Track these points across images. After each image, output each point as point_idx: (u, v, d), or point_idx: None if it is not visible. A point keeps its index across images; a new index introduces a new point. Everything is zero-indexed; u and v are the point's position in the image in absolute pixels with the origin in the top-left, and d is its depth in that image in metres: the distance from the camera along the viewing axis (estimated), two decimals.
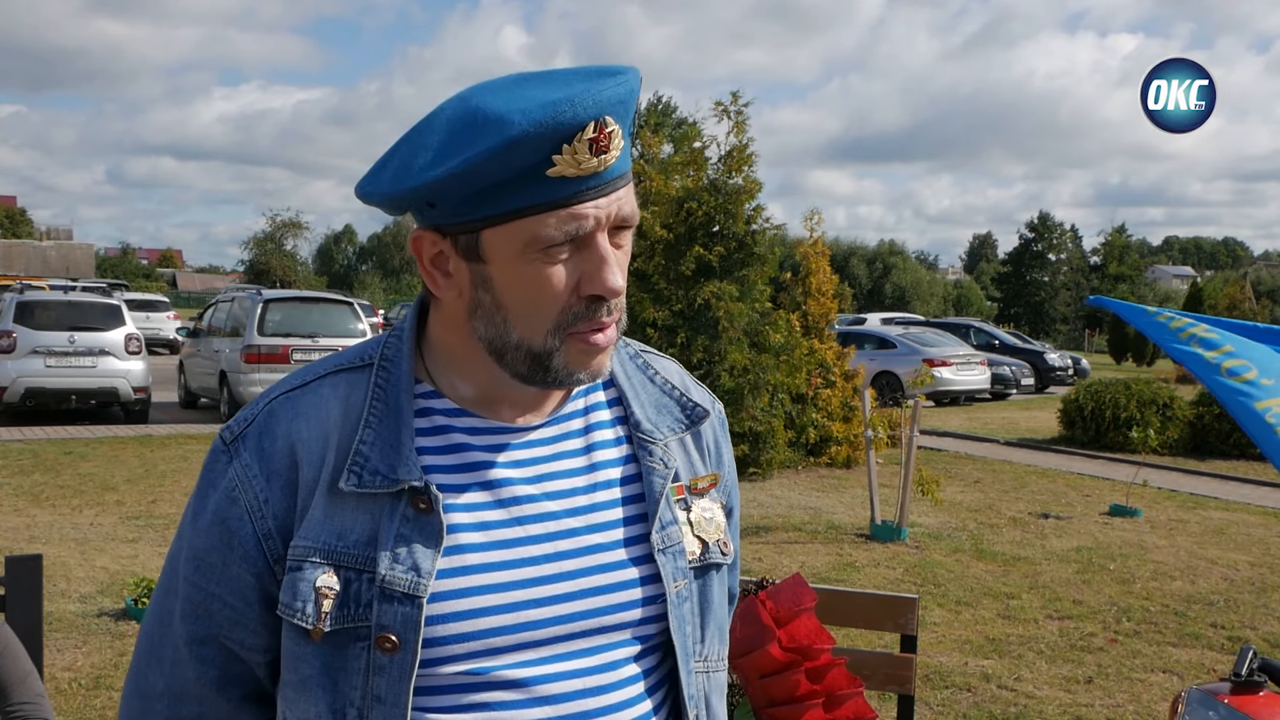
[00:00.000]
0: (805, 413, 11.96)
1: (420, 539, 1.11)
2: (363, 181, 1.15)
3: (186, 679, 1.18)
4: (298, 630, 1.12)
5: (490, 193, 1.07)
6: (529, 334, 1.12)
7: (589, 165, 1.07)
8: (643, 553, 1.20)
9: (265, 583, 1.15)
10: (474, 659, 1.12)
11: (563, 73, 1.11)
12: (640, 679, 1.20)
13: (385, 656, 1.10)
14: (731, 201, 11.25)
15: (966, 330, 26.53)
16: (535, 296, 1.10)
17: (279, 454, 1.15)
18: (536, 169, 1.06)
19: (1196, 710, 1.25)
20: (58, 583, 6.41)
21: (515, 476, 1.17)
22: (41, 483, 9.75)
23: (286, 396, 1.19)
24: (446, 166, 1.06)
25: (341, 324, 14.80)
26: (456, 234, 1.11)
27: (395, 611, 1.09)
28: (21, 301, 14.32)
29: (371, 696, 1.10)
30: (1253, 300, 33.38)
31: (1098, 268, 61.74)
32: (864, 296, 58.65)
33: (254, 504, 1.15)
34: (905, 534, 8.40)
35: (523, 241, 1.08)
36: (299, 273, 58.00)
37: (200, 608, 1.16)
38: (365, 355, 1.21)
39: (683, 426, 1.28)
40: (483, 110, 1.07)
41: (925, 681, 5.20)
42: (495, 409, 1.20)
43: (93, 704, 4.68)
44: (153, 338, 24.68)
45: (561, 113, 1.04)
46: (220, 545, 1.15)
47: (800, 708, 2.17)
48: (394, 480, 1.12)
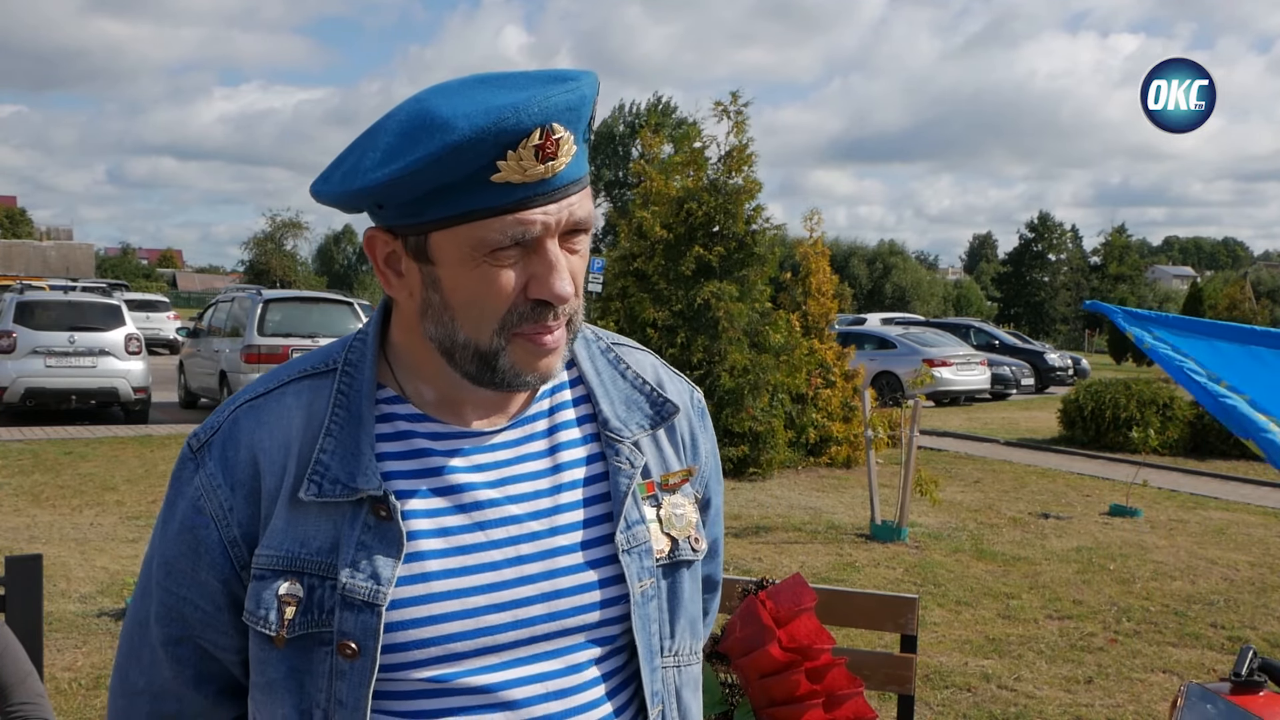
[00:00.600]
0: (805, 413, 11.96)
1: (380, 547, 1.12)
2: (316, 181, 1.14)
3: (165, 678, 1.20)
4: (261, 637, 1.14)
5: (436, 195, 1.07)
6: (475, 334, 1.12)
7: (535, 172, 1.06)
8: (607, 554, 1.19)
9: (233, 588, 1.17)
10: (436, 665, 1.12)
11: (519, 76, 1.10)
12: (601, 681, 1.20)
13: (346, 662, 1.11)
14: (731, 201, 11.26)
15: (966, 330, 26.53)
16: (481, 298, 1.10)
17: (242, 463, 1.16)
18: (481, 174, 1.05)
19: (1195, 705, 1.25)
20: (58, 583, 6.41)
21: (477, 481, 1.17)
22: (41, 483, 9.75)
23: (250, 405, 1.19)
24: (391, 169, 1.06)
25: (341, 324, 14.79)
26: (406, 235, 1.12)
27: (355, 619, 1.10)
28: (21, 301, 14.32)
29: (335, 700, 1.12)
30: (1252, 300, 33.37)
31: (1098, 268, 61.75)
32: (864, 296, 58.65)
33: (219, 513, 1.16)
34: (905, 534, 8.40)
35: (470, 245, 1.08)
36: (299, 273, 57.98)
37: (173, 611, 1.19)
38: (330, 360, 1.21)
39: (652, 423, 1.26)
40: (431, 113, 1.06)
41: (925, 681, 5.20)
42: (458, 412, 1.20)
43: (93, 704, 4.68)
44: (153, 338, 24.68)
45: (505, 119, 1.03)
46: (188, 552, 1.17)
47: (800, 708, 2.17)
48: (353, 489, 1.13)
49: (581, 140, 1.10)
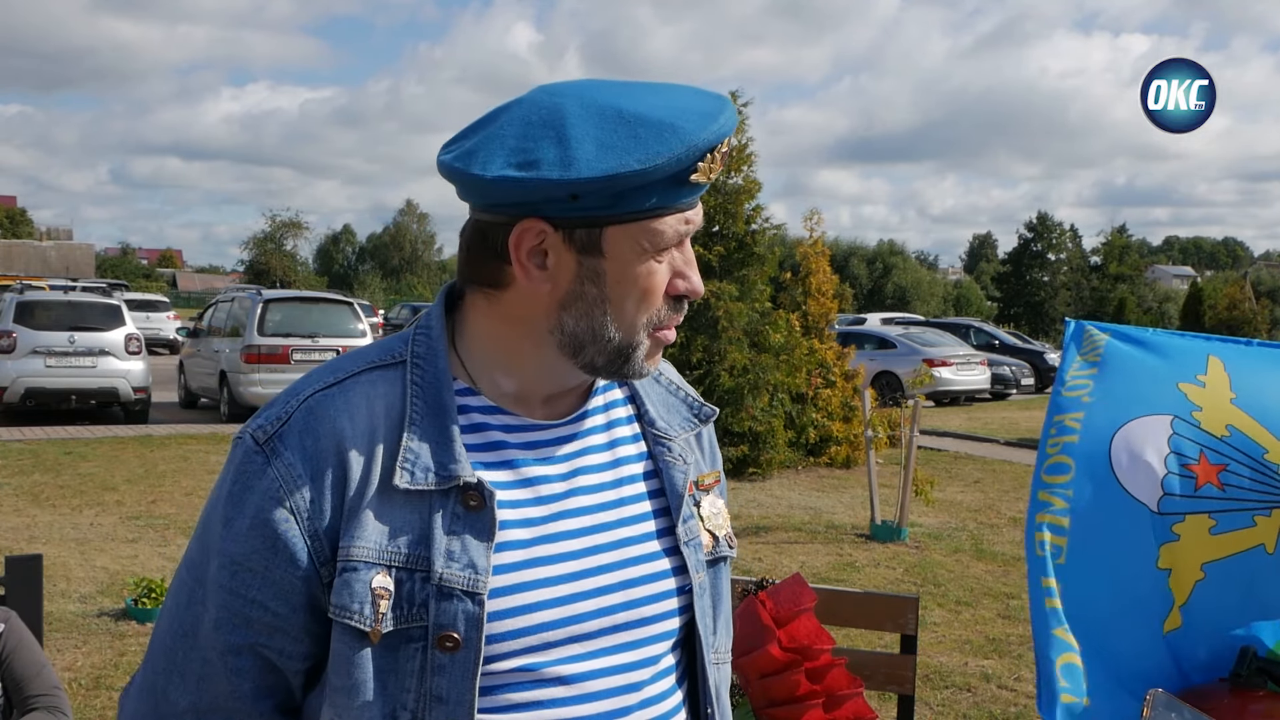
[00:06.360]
0: (805, 413, 11.96)
1: (473, 535, 1.11)
2: (497, 165, 1.09)
3: (218, 693, 1.13)
4: (353, 632, 1.10)
5: (640, 190, 1.10)
6: (625, 328, 1.15)
7: (715, 176, 1.13)
8: (669, 545, 1.23)
9: (311, 586, 1.12)
10: (527, 654, 1.13)
11: (659, 86, 1.16)
12: (671, 672, 1.23)
13: (446, 656, 1.09)
14: (731, 201, 11.27)
15: (966, 330, 26.52)
16: (643, 292, 1.15)
17: (324, 452, 1.12)
18: (683, 174, 1.10)
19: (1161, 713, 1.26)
20: (58, 583, 6.41)
21: (550, 473, 1.19)
22: (41, 483, 9.74)
23: (324, 394, 1.15)
24: (622, 161, 1.07)
25: (341, 324, 14.80)
26: (573, 227, 1.12)
27: (455, 609, 1.09)
28: (21, 301, 14.32)
29: (431, 698, 1.10)
30: (1252, 300, 33.37)
31: (1098, 268, 61.74)
32: (864, 296, 58.65)
33: (300, 505, 1.11)
34: (905, 534, 8.40)
35: (645, 239, 1.12)
36: (299, 273, 58.00)
37: (238, 615, 1.12)
38: (395, 353, 1.19)
39: (693, 425, 1.31)
40: (632, 111, 1.09)
41: (925, 681, 5.20)
42: (528, 406, 1.21)
43: (93, 704, 4.68)
44: (153, 338, 24.67)
45: (722, 126, 1.10)
46: (263, 549, 1.11)
47: (800, 708, 2.17)
48: (446, 477, 1.12)
49: None
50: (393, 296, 54.30)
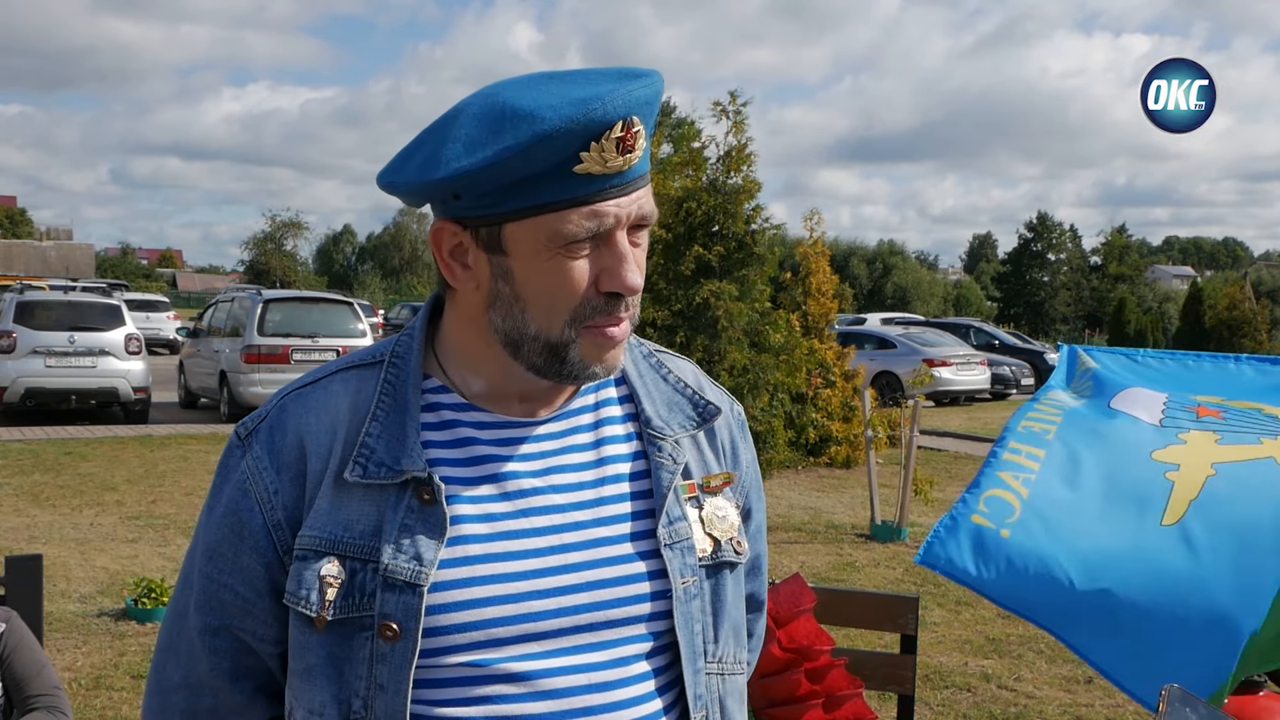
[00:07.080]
0: (805, 412, 11.96)
1: (424, 529, 1.13)
2: (386, 171, 1.16)
3: (201, 670, 1.20)
4: (303, 619, 1.14)
5: (516, 186, 1.09)
6: (546, 326, 1.14)
7: (615, 164, 1.09)
8: (650, 547, 1.20)
9: (274, 573, 1.17)
10: (476, 650, 1.13)
11: (585, 72, 1.13)
12: (650, 677, 1.19)
13: (387, 645, 1.11)
14: (731, 201, 11.26)
15: (966, 330, 26.52)
16: (555, 290, 1.12)
17: (288, 447, 1.18)
18: (563, 165, 1.07)
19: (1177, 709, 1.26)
20: (58, 583, 6.41)
21: (521, 470, 1.19)
22: (41, 483, 9.75)
23: (298, 393, 1.22)
24: (477, 158, 1.07)
25: (341, 324, 14.80)
26: (478, 226, 1.13)
27: (397, 600, 1.11)
28: (21, 301, 14.32)
29: (375, 685, 1.12)
30: (1252, 300, 33.37)
31: (1098, 268, 61.77)
32: (864, 296, 58.63)
33: (264, 495, 1.17)
34: (905, 534, 8.40)
35: (545, 236, 1.10)
36: (299, 273, 58.02)
37: (213, 598, 1.19)
38: (378, 354, 1.23)
39: (694, 424, 1.28)
40: (511, 105, 1.08)
41: (925, 681, 5.20)
42: (505, 404, 1.21)
43: (93, 704, 4.68)
44: (153, 338, 24.67)
45: (593, 110, 1.06)
46: (231, 536, 1.18)
47: (800, 708, 2.17)
48: (398, 471, 1.14)
49: (649, 136, 1.13)
50: (393, 296, 54.29)
